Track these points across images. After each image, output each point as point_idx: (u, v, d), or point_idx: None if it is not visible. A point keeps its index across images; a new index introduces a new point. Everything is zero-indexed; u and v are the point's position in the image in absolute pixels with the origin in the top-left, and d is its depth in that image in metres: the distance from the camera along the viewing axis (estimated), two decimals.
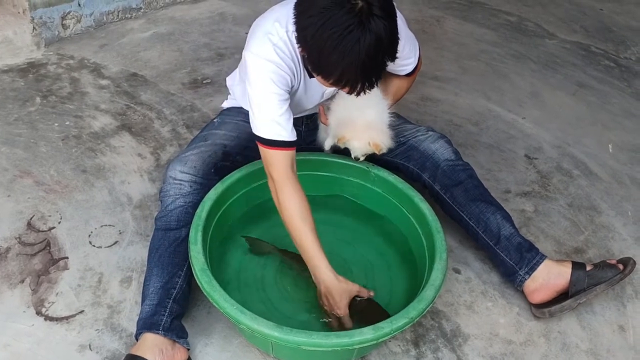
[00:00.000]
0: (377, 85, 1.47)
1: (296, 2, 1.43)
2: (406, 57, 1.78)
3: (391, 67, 1.78)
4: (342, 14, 1.33)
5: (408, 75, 1.86)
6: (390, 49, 1.42)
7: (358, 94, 1.46)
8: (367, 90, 1.46)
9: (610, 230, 2.10)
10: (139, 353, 1.46)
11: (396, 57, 1.45)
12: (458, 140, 2.44)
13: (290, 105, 1.64)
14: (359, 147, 1.75)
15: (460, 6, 3.67)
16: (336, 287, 1.54)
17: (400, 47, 1.70)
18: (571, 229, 2.10)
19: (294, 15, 1.42)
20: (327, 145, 1.83)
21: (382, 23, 1.35)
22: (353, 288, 1.56)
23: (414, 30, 1.82)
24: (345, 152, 1.89)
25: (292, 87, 1.61)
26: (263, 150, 1.59)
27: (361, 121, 1.71)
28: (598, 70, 3.12)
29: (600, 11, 3.80)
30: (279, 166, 1.58)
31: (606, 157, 2.47)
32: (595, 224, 2.13)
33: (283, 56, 1.55)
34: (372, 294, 1.60)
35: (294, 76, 1.60)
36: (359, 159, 1.80)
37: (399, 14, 1.65)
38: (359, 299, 1.57)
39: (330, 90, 1.73)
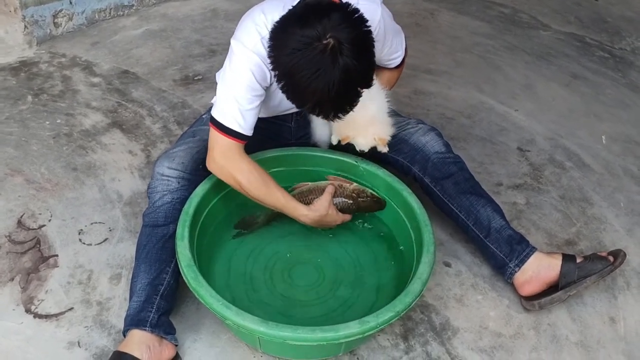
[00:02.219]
0: (352, 110, 1.49)
1: (271, 32, 1.44)
2: (394, 51, 1.79)
3: (381, 62, 1.80)
4: (313, 55, 1.35)
5: (397, 66, 1.86)
6: (362, 82, 1.44)
7: (332, 120, 1.51)
8: (342, 115, 1.48)
9: (602, 222, 2.10)
10: (126, 350, 1.46)
11: (372, 85, 1.47)
12: (450, 134, 2.43)
13: (272, 102, 1.65)
14: (365, 143, 1.76)
15: None
16: (319, 215, 1.69)
17: (388, 43, 1.71)
18: (563, 221, 2.09)
19: (269, 46, 1.43)
20: (334, 140, 1.82)
21: (351, 62, 1.36)
22: (326, 200, 1.71)
23: (407, 24, 1.83)
24: (342, 147, 1.88)
25: (271, 84, 1.60)
26: (216, 134, 1.60)
27: (363, 117, 1.71)
28: (592, 61, 3.11)
29: (595, 2, 3.79)
30: (230, 155, 1.61)
31: (599, 148, 2.47)
32: (587, 215, 2.12)
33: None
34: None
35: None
36: (364, 151, 1.79)
37: (386, 10, 1.67)
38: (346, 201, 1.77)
39: None
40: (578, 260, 1.72)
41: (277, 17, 1.46)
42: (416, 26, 3.27)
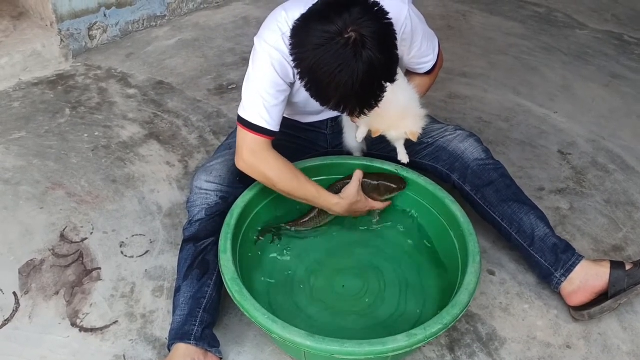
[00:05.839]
0: (377, 105, 1.46)
1: (292, 30, 1.43)
2: (424, 55, 1.75)
3: (409, 65, 1.76)
4: (335, 49, 1.33)
5: (428, 72, 1.82)
6: (386, 76, 1.41)
7: (358, 116, 1.50)
8: (367, 112, 1.46)
9: None
10: None
11: (395, 79, 1.44)
12: (488, 138, 2.39)
13: (295, 99, 1.66)
14: (396, 136, 1.73)
15: None
16: (349, 202, 1.72)
17: (416, 45, 1.68)
18: (609, 226, 2.04)
19: (290, 44, 1.42)
20: (359, 136, 1.78)
21: (374, 55, 1.34)
22: (355, 186, 1.73)
23: (440, 27, 1.80)
24: (373, 155, 1.87)
25: (294, 81, 1.59)
26: (243, 132, 1.61)
27: (394, 109, 1.67)
28: (632, 59, 3.03)
29: None
30: (258, 152, 1.61)
31: None
32: (634, 220, 2.06)
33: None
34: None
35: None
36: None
37: (415, 11, 1.65)
38: (368, 181, 1.78)
39: None
40: (627, 267, 1.67)
41: (298, 15, 1.45)
42: (448, 29, 3.23)
